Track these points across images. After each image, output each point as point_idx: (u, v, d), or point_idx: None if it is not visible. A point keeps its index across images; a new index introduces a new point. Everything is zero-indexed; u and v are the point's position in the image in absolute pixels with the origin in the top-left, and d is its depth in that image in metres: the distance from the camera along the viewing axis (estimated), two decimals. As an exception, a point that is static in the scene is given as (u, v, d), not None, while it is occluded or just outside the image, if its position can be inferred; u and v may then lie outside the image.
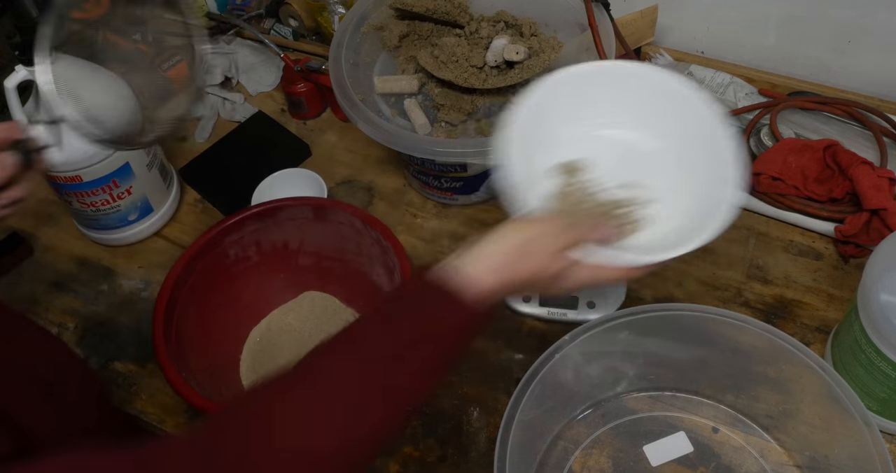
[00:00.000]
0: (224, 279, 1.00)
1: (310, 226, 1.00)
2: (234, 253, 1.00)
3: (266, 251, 1.02)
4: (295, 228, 1.00)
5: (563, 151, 0.79)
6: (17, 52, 0.98)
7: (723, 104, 1.13)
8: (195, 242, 0.96)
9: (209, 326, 0.98)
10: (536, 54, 1.00)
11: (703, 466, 0.90)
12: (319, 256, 1.03)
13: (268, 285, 1.03)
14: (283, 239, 1.01)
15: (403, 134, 0.99)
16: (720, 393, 0.94)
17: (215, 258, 0.98)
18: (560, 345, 0.86)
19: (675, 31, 1.22)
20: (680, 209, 0.75)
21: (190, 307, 0.95)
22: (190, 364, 0.92)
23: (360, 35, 1.10)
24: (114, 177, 1.07)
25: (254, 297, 1.03)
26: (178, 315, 0.93)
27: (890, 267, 0.80)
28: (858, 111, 1.10)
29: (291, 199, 1.00)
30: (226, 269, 1.00)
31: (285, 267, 1.04)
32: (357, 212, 0.97)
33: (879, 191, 0.99)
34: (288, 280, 1.04)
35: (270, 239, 1.00)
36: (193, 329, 0.95)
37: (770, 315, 1.01)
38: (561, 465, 0.92)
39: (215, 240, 0.97)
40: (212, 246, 0.97)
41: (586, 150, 0.79)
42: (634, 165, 0.79)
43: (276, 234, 1.00)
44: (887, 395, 0.84)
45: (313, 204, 0.99)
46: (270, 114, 1.31)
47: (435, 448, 0.94)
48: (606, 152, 0.79)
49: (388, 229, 0.95)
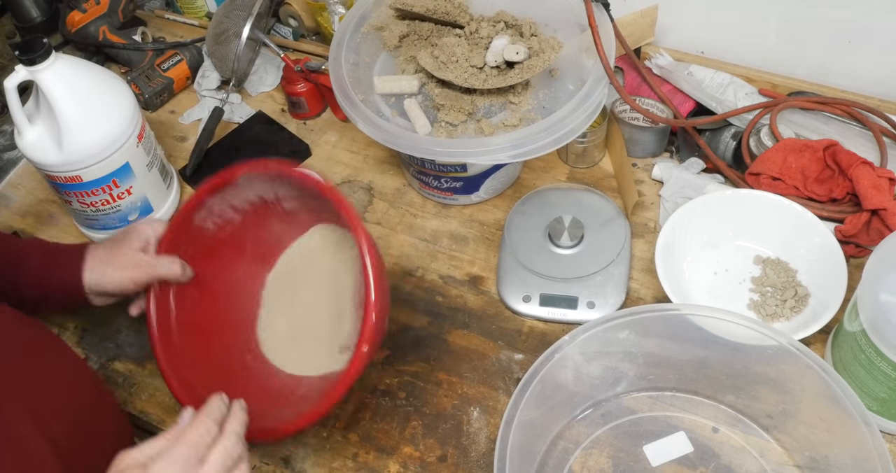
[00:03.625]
0: (214, 248, 0.98)
1: (275, 181, 0.97)
2: (213, 223, 0.98)
3: (244, 209, 0.99)
4: (261, 184, 0.97)
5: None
6: (17, 52, 0.98)
7: (723, 104, 1.13)
8: (165, 235, 0.94)
9: (215, 298, 0.97)
10: (536, 54, 1.00)
11: (703, 466, 0.90)
12: (302, 200, 0.99)
13: (265, 235, 1.01)
14: (256, 195, 0.98)
15: (403, 134, 0.99)
16: (720, 393, 0.94)
17: (194, 236, 0.96)
18: (560, 345, 0.86)
19: (675, 31, 1.22)
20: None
21: (188, 291, 0.94)
22: (196, 354, 0.92)
23: (360, 35, 1.10)
24: (114, 177, 1.07)
25: (254, 250, 1.01)
26: (178, 305, 0.93)
27: (890, 267, 0.80)
28: (858, 111, 1.10)
29: (240, 167, 0.94)
30: (212, 239, 0.98)
31: (274, 214, 1.00)
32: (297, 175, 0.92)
33: (879, 191, 0.99)
34: (282, 224, 1.01)
35: (243, 198, 0.98)
36: (198, 310, 0.95)
37: (770, 315, 1.01)
38: (561, 465, 0.92)
39: (185, 223, 0.95)
40: (184, 229, 0.95)
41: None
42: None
43: (246, 194, 0.97)
44: (887, 395, 0.84)
45: (264, 169, 0.94)
46: (270, 114, 1.31)
47: (435, 448, 0.94)
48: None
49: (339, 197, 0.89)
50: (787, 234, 1.00)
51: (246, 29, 1.24)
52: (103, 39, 1.36)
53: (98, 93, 1.04)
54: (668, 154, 1.19)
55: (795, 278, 1.00)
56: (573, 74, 1.03)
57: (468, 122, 1.01)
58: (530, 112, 1.00)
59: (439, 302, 1.06)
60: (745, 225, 1.02)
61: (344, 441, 0.96)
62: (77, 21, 1.36)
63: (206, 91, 1.33)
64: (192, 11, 1.47)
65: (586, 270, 1.04)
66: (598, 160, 1.19)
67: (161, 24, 1.47)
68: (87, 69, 1.05)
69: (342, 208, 0.86)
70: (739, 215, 1.02)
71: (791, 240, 1.00)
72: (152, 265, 0.91)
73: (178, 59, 1.34)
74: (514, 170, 1.16)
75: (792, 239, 1.00)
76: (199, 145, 1.24)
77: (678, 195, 1.09)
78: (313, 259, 1.01)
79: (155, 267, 0.91)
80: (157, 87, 1.32)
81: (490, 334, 1.03)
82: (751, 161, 1.09)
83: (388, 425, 0.97)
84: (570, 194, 1.12)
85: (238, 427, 0.76)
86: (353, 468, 0.94)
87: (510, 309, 1.04)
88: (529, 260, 1.05)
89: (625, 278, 1.03)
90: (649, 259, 1.05)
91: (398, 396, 0.99)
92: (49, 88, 0.99)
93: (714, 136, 1.15)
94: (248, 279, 1.01)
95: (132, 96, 1.08)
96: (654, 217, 1.11)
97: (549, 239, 1.06)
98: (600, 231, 1.07)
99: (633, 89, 1.19)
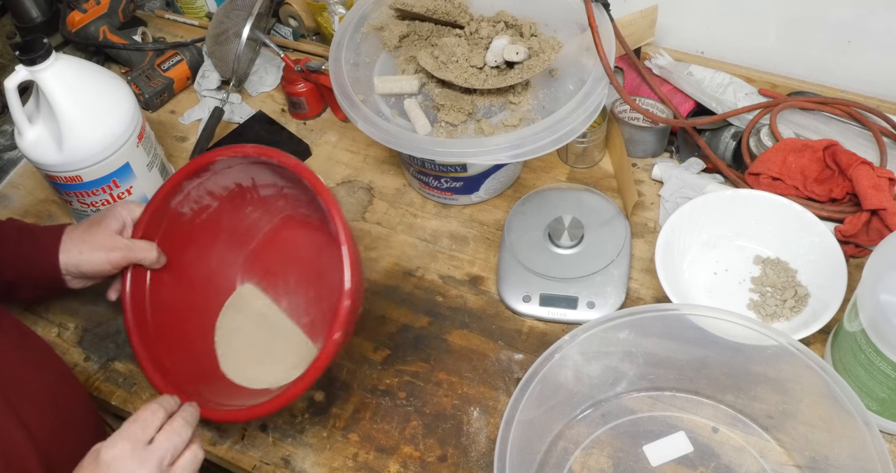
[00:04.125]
0: (191, 233, 0.99)
1: (253, 167, 0.97)
2: (190, 208, 0.98)
3: (221, 195, 0.99)
4: (239, 171, 0.98)
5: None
6: (17, 52, 0.98)
7: (723, 104, 1.13)
8: (141, 218, 0.94)
9: (191, 283, 0.98)
10: (536, 54, 1.00)
11: (702, 466, 0.90)
12: (277, 187, 1.00)
13: (240, 222, 1.02)
14: (233, 182, 0.99)
15: (403, 134, 0.99)
16: (720, 392, 0.94)
17: (171, 220, 0.97)
18: (560, 345, 0.86)
19: (675, 31, 1.22)
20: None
21: (164, 277, 0.95)
22: (172, 339, 0.94)
23: (360, 35, 1.10)
24: (114, 177, 1.07)
25: (229, 237, 1.02)
26: (154, 290, 0.94)
27: (890, 267, 0.80)
28: (858, 111, 1.10)
29: (219, 151, 0.95)
30: (188, 224, 0.98)
31: (250, 202, 1.02)
32: (282, 161, 0.91)
33: (879, 191, 0.99)
34: (258, 211, 1.02)
35: (220, 185, 0.98)
36: (175, 296, 0.95)
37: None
38: (561, 465, 0.92)
39: (162, 207, 0.95)
40: (161, 213, 0.95)
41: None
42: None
43: (223, 180, 0.98)
44: (887, 395, 0.84)
45: (239, 153, 0.94)
46: (270, 114, 1.31)
47: (435, 448, 0.94)
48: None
49: (321, 185, 0.89)
50: (786, 234, 1.00)
51: (246, 29, 1.24)
52: (103, 39, 1.36)
53: (98, 94, 1.04)
54: (668, 154, 1.19)
55: (795, 278, 1.00)
56: (573, 74, 1.03)
57: (468, 122, 1.01)
58: (530, 112, 1.00)
59: (439, 302, 1.06)
60: (744, 225, 1.03)
61: (344, 441, 0.96)
62: (77, 21, 1.36)
63: (207, 91, 1.33)
64: (192, 11, 1.47)
65: (586, 270, 1.04)
66: (598, 160, 1.19)
67: (161, 25, 1.47)
68: (88, 69, 1.05)
69: (320, 192, 0.86)
70: (739, 215, 1.02)
71: (791, 240, 1.00)
72: (129, 247, 0.92)
73: (178, 59, 1.35)
74: (514, 170, 1.16)
75: (792, 240, 1.00)
76: (200, 145, 1.24)
77: (678, 195, 1.09)
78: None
79: (132, 250, 0.92)
80: (158, 87, 1.32)
81: (490, 334, 1.03)
82: (751, 161, 1.09)
83: (388, 425, 0.97)
84: (570, 194, 1.12)
85: (188, 415, 0.78)
86: (353, 468, 0.94)
87: (510, 309, 1.04)
88: (529, 260, 1.05)
89: (625, 278, 1.03)
90: (649, 259, 1.05)
91: (398, 396, 0.99)
92: (49, 88, 0.99)
93: (714, 136, 1.15)
94: (223, 266, 1.02)
95: (132, 96, 1.08)
96: (653, 217, 1.11)
97: (549, 240, 1.06)
98: (600, 231, 1.07)
99: (633, 89, 1.19)
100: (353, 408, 0.98)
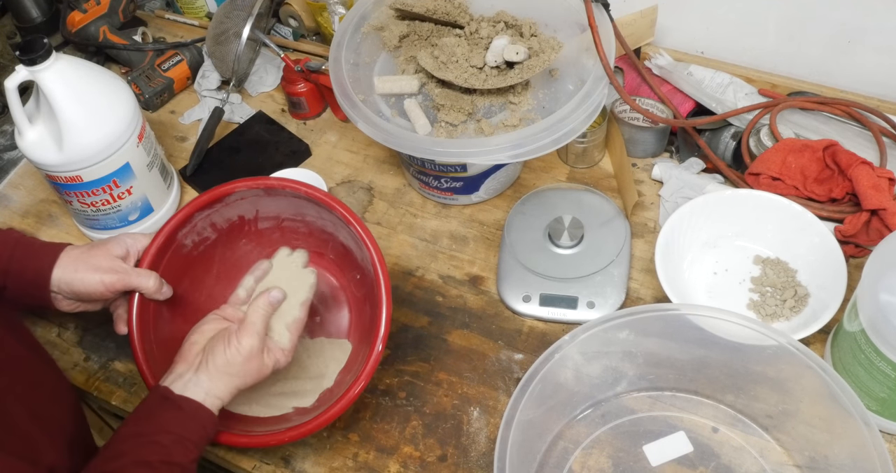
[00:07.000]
0: (187, 266, 0.98)
1: (262, 200, 0.97)
2: (191, 241, 0.98)
3: (222, 227, 0.99)
4: (248, 204, 0.98)
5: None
6: (17, 52, 0.98)
7: (722, 104, 1.13)
8: (147, 248, 0.93)
9: (184, 317, 0.97)
10: (536, 54, 1.00)
11: (702, 466, 0.90)
12: (278, 219, 1.00)
13: (231, 254, 1.02)
14: (237, 214, 0.99)
15: (403, 134, 0.99)
16: (720, 392, 0.94)
17: (173, 253, 0.96)
18: (560, 345, 0.86)
19: (675, 31, 1.22)
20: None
21: (163, 309, 0.94)
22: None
23: (360, 35, 1.10)
24: (114, 177, 1.07)
25: (219, 269, 1.01)
26: (155, 323, 0.93)
27: (890, 267, 0.80)
28: (858, 111, 1.10)
29: (239, 182, 0.95)
30: (186, 256, 0.98)
31: (246, 234, 1.01)
32: (310, 193, 0.93)
33: (879, 191, 0.99)
34: (251, 244, 1.02)
35: (224, 217, 0.98)
36: (172, 329, 0.95)
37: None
38: (561, 465, 0.92)
39: (169, 239, 0.95)
40: (167, 246, 0.95)
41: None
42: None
43: (230, 213, 0.98)
44: (887, 395, 0.84)
45: (262, 185, 0.95)
46: (270, 114, 1.31)
47: (435, 448, 0.94)
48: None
49: (350, 212, 0.92)
50: (786, 234, 1.01)
51: (246, 29, 1.24)
52: (104, 40, 1.36)
53: (98, 94, 1.04)
54: (668, 154, 1.19)
55: (795, 278, 1.00)
56: (573, 74, 1.03)
57: (468, 122, 1.01)
58: (530, 112, 1.00)
59: (439, 302, 1.06)
60: (744, 225, 1.03)
61: (344, 441, 0.96)
62: (77, 21, 1.36)
63: (207, 91, 1.33)
64: (192, 12, 1.47)
65: (586, 270, 1.04)
66: (598, 160, 1.19)
67: (161, 25, 1.47)
68: (88, 69, 1.05)
69: (351, 221, 0.91)
70: (739, 215, 1.02)
71: (791, 240, 1.00)
72: (127, 272, 0.90)
73: (178, 59, 1.35)
74: (514, 170, 1.16)
75: (791, 239, 1.00)
76: (200, 145, 1.24)
77: (678, 195, 1.10)
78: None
79: (128, 274, 0.90)
80: (158, 87, 1.32)
81: (490, 334, 1.03)
82: (750, 161, 1.09)
83: (388, 425, 0.97)
84: (570, 194, 1.12)
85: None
86: (353, 468, 0.94)
87: (510, 308, 1.04)
88: (529, 260, 1.05)
89: (624, 278, 1.03)
90: (649, 259, 1.05)
91: (398, 396, 0.99)
92: (49, 88, 0.99)
93: (714, 136, 1.15)
94: (211, 301, 1.00)
95: (132, 96, 1.08)
96: (653, 217, 1.11)
97: (549, 240, 1.07)
98: (600, 231, 1.07)
99: (633, 89, 1.19)
100: (352, 408, 0.98)
